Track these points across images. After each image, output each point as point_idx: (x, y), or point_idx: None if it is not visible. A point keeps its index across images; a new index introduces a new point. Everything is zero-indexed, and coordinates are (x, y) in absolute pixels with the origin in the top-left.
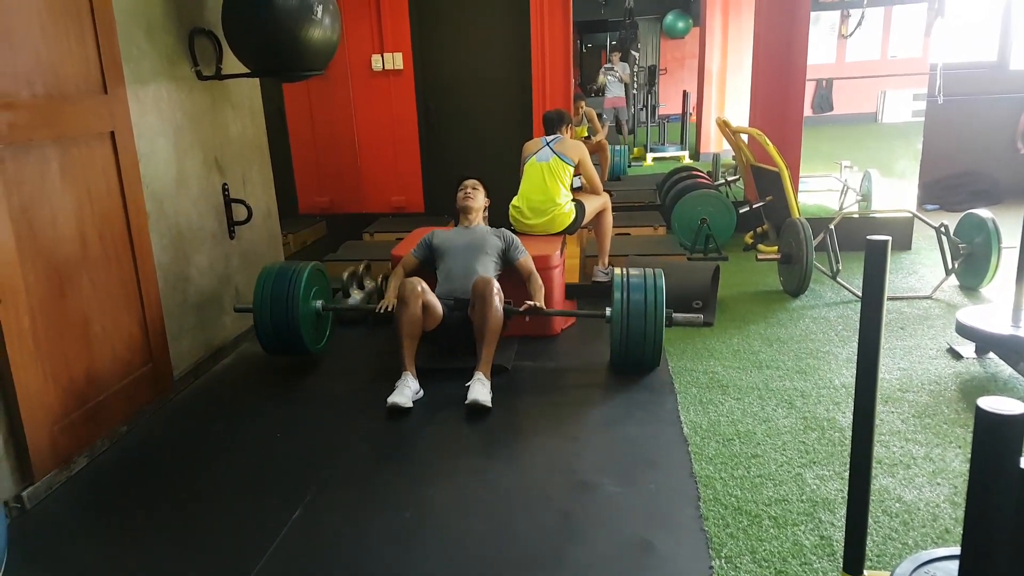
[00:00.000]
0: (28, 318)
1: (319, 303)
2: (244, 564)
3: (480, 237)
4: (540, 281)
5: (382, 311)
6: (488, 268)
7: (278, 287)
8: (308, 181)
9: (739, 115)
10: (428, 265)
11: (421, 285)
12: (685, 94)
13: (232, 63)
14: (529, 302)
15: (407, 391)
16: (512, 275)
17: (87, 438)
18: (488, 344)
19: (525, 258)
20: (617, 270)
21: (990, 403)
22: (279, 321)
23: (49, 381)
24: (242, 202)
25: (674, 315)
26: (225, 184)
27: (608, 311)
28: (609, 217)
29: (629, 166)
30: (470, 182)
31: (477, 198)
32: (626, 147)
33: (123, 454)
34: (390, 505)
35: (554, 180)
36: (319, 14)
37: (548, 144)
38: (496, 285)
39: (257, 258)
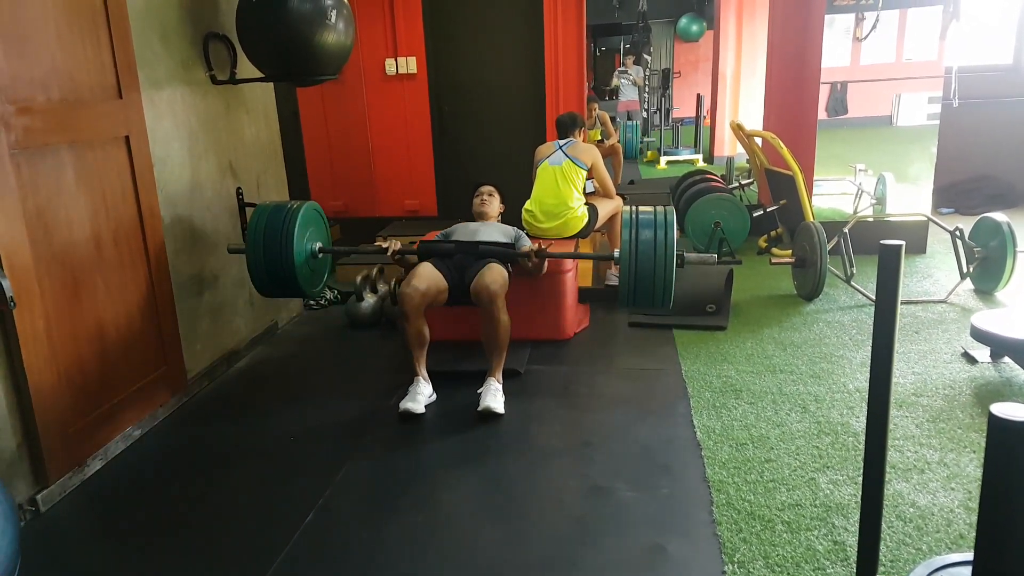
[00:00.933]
0: (43, 321)
1: (316, 244)
2: (257, 567)
3: (492, 223)
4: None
5: (391, 255)
6: (496, 237)
7: (272, 225)
8: (322, 185)
9: (753, 118)
10: None
11: (418, 293)
12: (699, 97)
13: (246, 68)
14: (532, 246)
15: (420, 397)
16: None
17: (101, 441)
18: (498, 354)
19: (530, 245)
20: (626, 208)
21: (1003, 409)
22: (273, 260)
23: (63, 384)
24: (256, 206)
25: (687, 255)
26: (239, 188)
27: (616, 252)
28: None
29: (642, 141)
30: (486, 188)
31: (492, 204)
32: (638, 123)
33: (137, 457)
34: (404, 508)
35: (567, 184)
36: (333, 19)
37: (561, 148)
38: (503, 288)
39: None
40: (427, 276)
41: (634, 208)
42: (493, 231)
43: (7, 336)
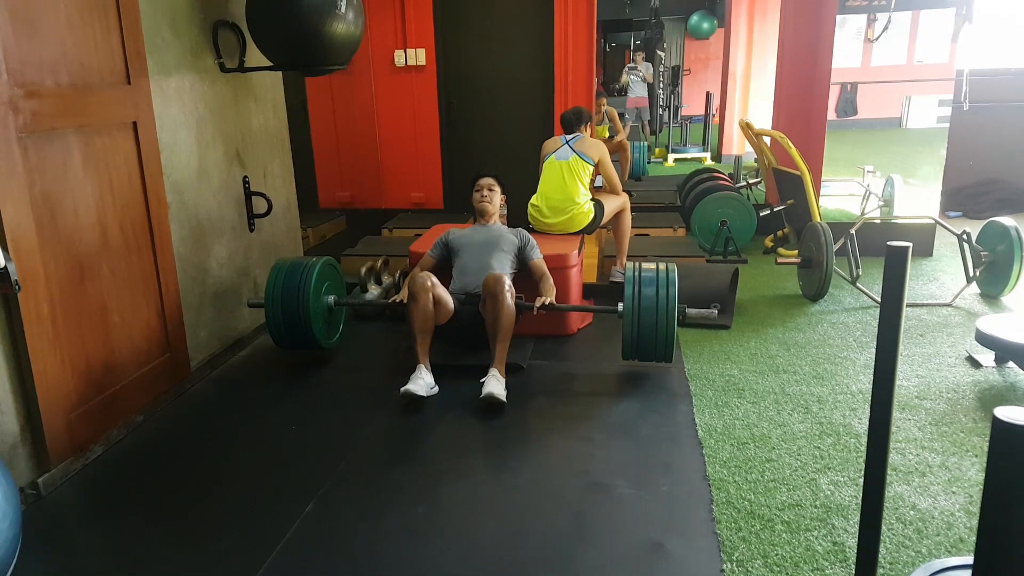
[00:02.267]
0: (47, 305)
1: (331, 298)
2: (257, 555)
3: (497, 234)
4: (552, 282)
5: (397, 301)
6: (504, 264)
7: (289, 282)
8: (329, 175)
9: (762, 117)
10: (445, 263)
11: (431, 280)
12: (708, 95)
13: (255, 56)
14: (541, 298)
15: (422, 382)
16: (527, 278)
17: (103, 426)
18: (501, 341)
19: (539, 259)
20: (629, 264)
21: (1007, 413)
22: (290, 316)
23: (67, 368)
24: (262, 195)
25: (688, 310)
26: (246, 176)
27: (620, 306)
28: (628, 217)
29: (649, 162)
30: (485, 182)
31: (493, 199)
32: (645, 144)
33: (139, 443)
34: (403, 500)
35: (573, 179)
36: (343, 8)
37: (568, 142)
38: (508, 282)
39: (276, 251)
40: (438, 280)
41: (637, 265)
42: (500, 254)
43: (11, 319)
